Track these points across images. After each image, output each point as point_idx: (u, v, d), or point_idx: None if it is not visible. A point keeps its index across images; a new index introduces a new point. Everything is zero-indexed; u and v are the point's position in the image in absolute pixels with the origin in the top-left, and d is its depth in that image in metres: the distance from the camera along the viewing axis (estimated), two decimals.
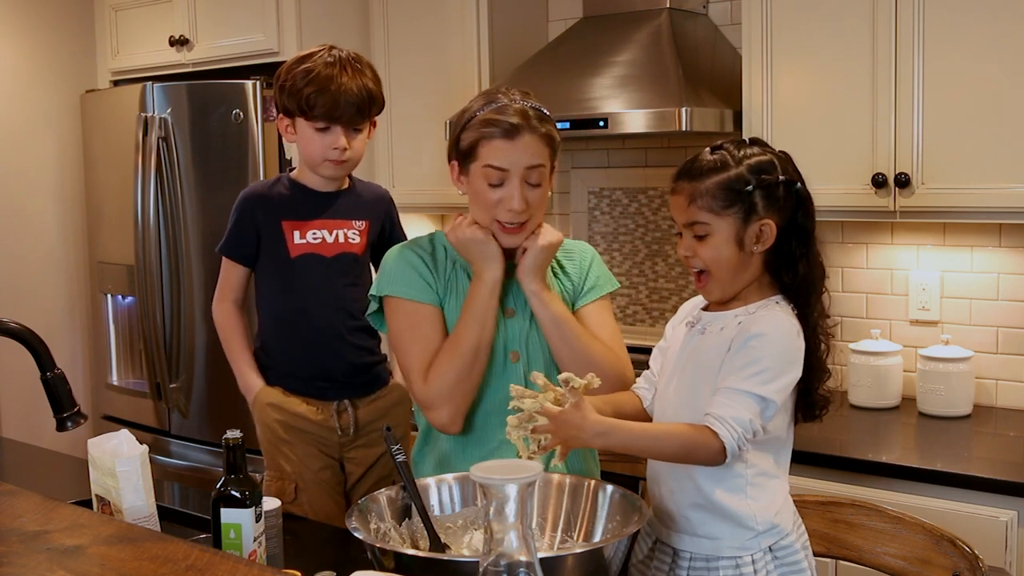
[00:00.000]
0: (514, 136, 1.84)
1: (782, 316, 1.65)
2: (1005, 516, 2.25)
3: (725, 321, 1.69)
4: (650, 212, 3.52)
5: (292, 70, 2.26)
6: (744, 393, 1.59)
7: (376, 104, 2.31)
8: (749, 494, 1.67)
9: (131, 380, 4.03)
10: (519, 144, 1.84)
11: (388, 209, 2.46)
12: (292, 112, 2.28)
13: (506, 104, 1.87)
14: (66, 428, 1.88)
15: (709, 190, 1.65)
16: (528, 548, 1.19)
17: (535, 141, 1.85)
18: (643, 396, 1.84)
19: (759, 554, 1.66)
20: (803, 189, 1.67)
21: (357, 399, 2.37)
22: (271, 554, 1.77)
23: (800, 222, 1.67)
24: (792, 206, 1.66)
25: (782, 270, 1.67)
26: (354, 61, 2.28)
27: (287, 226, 2.32)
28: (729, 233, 1.65)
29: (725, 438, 1.57)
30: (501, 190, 1.85)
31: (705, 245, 1.66)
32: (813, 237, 1.68)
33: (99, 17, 4.22)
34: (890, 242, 3.01)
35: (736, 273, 1.68)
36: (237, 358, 2.39)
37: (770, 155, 1.68)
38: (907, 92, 2.60)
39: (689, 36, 3.14)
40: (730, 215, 1.64)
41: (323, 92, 2.22)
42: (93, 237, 4.16)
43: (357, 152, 2.31)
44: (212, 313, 2.42)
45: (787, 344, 1.62)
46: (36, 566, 1.39)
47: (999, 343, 2.87)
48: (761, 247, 1.65)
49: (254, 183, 2.54)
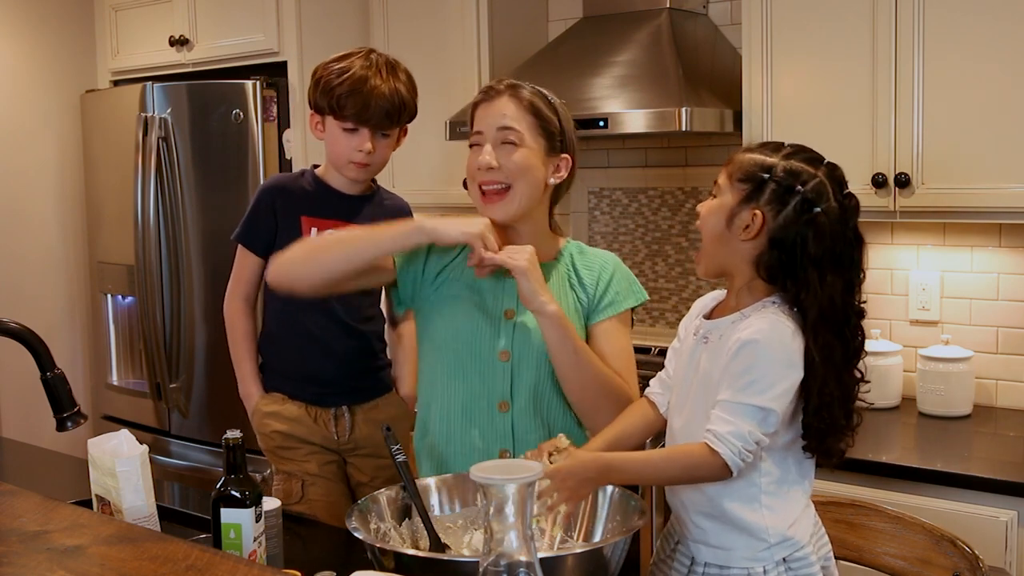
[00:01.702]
0: (491, 97, 1.91)
1: (774, 319, 1.61)
2: (1005, 516, 2.25)
3: (723, 329, 1.67)
4: (650, 212, 3.51)
5: (328, 67, 2.25)
6: (741, 406, 1.57)
7: (407, 111, 2.29)
8: (764, 503, 1.65)
9: (131, 380, 4.04)
10: (494, 106, 1.90)
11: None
12: (323, 109, 2.27)
13: (500, 79, 1.95)
14: (66, 428, 1.88)
15: (741, 161, 1.66)
16: (528, 548, 1.19)
17: (511, 105, 1.89)
18: (658, 402, 1.82)
19: (771, 565, 1.65)
20: (821, 217, 1.60)
21: (355, 405, 2.36)
22: (271, 554, 1.77)
23: (808, 246, 1.60)
24: (800, 223, 1.60)
25: (775, 281, 1.64)
26: (391, 66, 2.27)
27: (306, 221, 2.31)
28: (727, 204, 1.65)
29: (725, 455, 1.56)
30: (478, 152, 1.89)
31: (708, 207, 1.68)
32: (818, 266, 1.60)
33: (99, 17, 4.22)
34: (890, 242, 3.01)
35: (716, 249, 1.67)
36: (241, 364, 2.38)
37: (819, 175, 1.62)
38: (907, 92, 2.60)
39: (689, 36, 3.14)
40: (738, 189, 1.64)
41: (355, 93, 2.21)
42: (93, 237, 4.16)
43: (382, 157, 2.30)
44: (223, 307, 2.40)
45: (780, 348, 1.59)
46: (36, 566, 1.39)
47: (999, 343, 2.87)
48: (745, 236, 1.63)
49: (278, 174, 2.52)
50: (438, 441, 1.93)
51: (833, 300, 1.61)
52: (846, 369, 1.64)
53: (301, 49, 3.51)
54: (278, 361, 2.38)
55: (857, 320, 1.65)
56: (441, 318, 1.93)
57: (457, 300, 1.93)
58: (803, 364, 1.60)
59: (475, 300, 1.92)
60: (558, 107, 1.93)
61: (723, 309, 1.72)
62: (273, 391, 2.36)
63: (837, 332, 1.62)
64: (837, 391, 1.62)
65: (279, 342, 2.38)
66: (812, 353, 1.60)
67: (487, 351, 1.89)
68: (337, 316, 2.32)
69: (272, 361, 2.39)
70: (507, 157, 1.86)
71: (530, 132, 1.88)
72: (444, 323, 1.93)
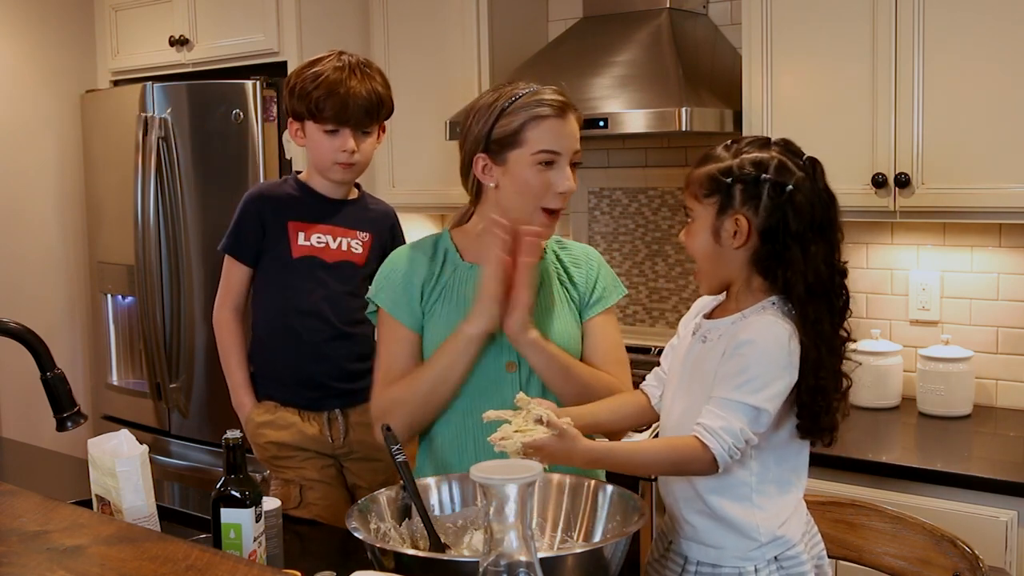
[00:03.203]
0: (565, 115, 1.83)
1: (772, 320, 1.61)
2: (1005, 516, 2.25)
3: (722, 329, 1.68)
4: (650, 212, 3.51)
5: (302, 74, 2.27)
6: (734, 403, 1.58)
7: (385, 108, 2.32)
8: (755, 502, 1.65)
9: (131, 380, 4.04)
10: (569, 125, 1.83)
11: (393, 226, 2.46)
12: (302, 115, 2.28)
13: (544, 88, 1.85)
14: (66, 428, 1.88)
15: (698, 177, 1.66)
16: (528, 548, 1.19)
17: (576, 125, 1.85)
18: (651, 394, 1.84)
19: (763, 564, 1.65)
20: (794, 192, 1.61)
21: (348, 408, 2.36)
22: (271, 554, 1.77)
23: (788, 224, 1.60)
24: (777, 207, 1.61)
25: (769, 273, 1.64)
26: (364, 66, 2.30)
27: (292, 227, 2.32)
28: (706, 222, 1.65)
29: (715, 450, 1.56)
30: (552, 172, 1.83)
31: (689, 232, 1.69)
32: (801, 241, 1.61)
33: (99, 17, 4.22)
34: (890, 242, 3.01)
35: (714, 265, 1.67)
36: (233, 374, 2.38)
37: (774, 155, 1.63)
38: (907, 92, 2.60)
39: (689, 36, 3.14)
40: (708, 204, 1.64)
41: (332, 95, 2.23)
42: (93, 237, 4.16)
43: (366, 155, 2.32)
44: (212, 319, 2.41)
45: (777, 350, 1.59)
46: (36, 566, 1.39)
47: (999, 343, 2.87)
48: (737, 242, 1.63)
49: (260, 183, 2.53)
50: (440, 444, 1.94)
51: (818, 270, 1.62)
52: (835, 335, 1.65)
53: (301, 49, 3.51)
54: (269, 368, 2.38)
55: (841, 279, 1.66)
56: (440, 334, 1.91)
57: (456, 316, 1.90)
58: (798, 367, 1.60)
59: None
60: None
61: (723, 310, 1.72)
62: (266, 399, 2.36)
63: (826, 299, 1.63)
64: (829, 363, 1.63)
65: (269, 349, 2.37)
66: (805, 333, 1.61)
67: (492, 365, 1.89)
68: (327, 319, 2.32)
69: (263, 368, 2.39)
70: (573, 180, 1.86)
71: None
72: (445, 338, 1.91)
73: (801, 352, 1.61)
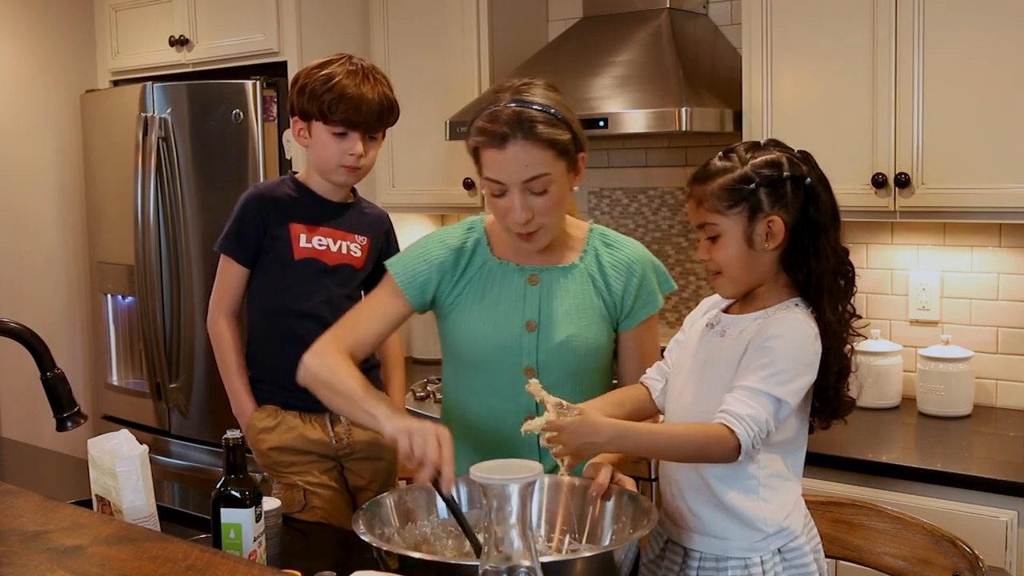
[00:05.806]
0: (503, 146, 1.75)
1: (800, 318, 1.64)
2: (1005, 516, 2.25)
3: (744, 324, 1.68)
4: (650, 212, 3.52)
5: (312, 74, 2.26)
6: (761, 393, 1.59)
7: (394, 113, 2.32)
8: (761, 495, 1.66)
9: (131, 380, 4.04)
10: (510, 155, 1.75)
11: (387, 231, 2.45)
12: (310, 116, 2.27)
13: (498, 110, 1.77)
14: (66, 428, 1.88)
15: (714, 192, 1.66)
16: (529, 549, 1.19)
17: (529, 149, 1.75)
18: (652, 387, 1.84)
19: (768, 555, 1.66)
20: (813, 184, 1.66)
21: None
22: (271, 554, 1.77)
23: (812, 216, 1.65)
24: (802, 202, 1.65)
25: (796, 268, 1.67)
26: (372, 70, 2.30)
27: (294, 228, 2.31)
28: (738, 232, 1.65)
29: (741, 436, 1.57)
30: (504, 200, 1.80)
31: (717, 246, 1.67)
32: (825, 231, 1.66)
33: (99, 17, 4.22)
34: (890, 242, 3.01)
35: (748, 271, 1.68)
36: (231, 380, 2.36)
37: (779, 153, 1.67)
38: (907, 92, 2.60)
39: (689, 36, 3.14)
40: (736, 214, 1.65)
41: (345, 97, 2.22)
42: (93, 237, 4.16)
43: (371, 160, 2.31)
44: (208, 322, 2.39)
45: (804, 347, 1.62)
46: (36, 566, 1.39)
47: (999, 343, 2.87)
48: (771, 244, 1.65)
49: (259, 183, 2.53)
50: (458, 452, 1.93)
51: (837, 252, 1.68)
52: (845, 309, 1.69)
53: (301, 49, 3.51)
54: (268, 371, 2.36)
55: (845, 255, 1.70)
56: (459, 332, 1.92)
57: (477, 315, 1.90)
58: (819, 367, 1.64)
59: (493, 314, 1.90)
60: (565, 115, 1.81)
61: (744, 306, 1.73)
62: (266, 403, 2.34)
63: (844, 279, 1.69)
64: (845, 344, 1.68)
65: (267, 352, 2.36)
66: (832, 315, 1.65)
67: (511, 367, 1.88)
68: (325, 319, 2.31)
69: (262, 372, 2.37)
70: (536, 202, 1.79)
71: (551, 164, 1.78)
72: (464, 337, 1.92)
73: (825, 340, 1.64)
